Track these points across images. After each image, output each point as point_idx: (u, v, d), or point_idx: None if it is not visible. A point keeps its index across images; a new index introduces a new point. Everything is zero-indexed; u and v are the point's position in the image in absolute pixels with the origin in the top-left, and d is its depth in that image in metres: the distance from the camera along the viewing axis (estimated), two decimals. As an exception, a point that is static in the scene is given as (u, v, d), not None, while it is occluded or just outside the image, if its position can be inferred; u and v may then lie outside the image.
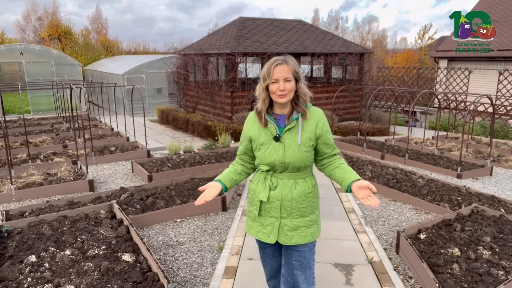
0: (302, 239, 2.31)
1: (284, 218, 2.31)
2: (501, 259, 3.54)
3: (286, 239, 2.31)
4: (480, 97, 7.95)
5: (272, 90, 2.20)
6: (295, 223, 2.30)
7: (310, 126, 2.27)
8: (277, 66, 2.17)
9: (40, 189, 5.80)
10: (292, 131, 2.26)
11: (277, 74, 2.16)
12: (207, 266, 3.78)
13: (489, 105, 14.81)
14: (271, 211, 2.32)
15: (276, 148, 2.25)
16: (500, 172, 7.69)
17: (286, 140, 2.25)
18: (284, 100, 2.20)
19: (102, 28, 39.65)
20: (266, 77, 2.19)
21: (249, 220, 2.47)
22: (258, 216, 2.37)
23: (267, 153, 2.27)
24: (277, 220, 2.31)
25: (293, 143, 2.24)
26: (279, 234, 2.32)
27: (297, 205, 2.29)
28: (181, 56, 15.73)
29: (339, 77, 16.03)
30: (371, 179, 6.43)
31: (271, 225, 2.33)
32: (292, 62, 2.22)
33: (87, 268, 3.12)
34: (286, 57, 2.22)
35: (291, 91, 2.20)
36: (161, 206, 5.01)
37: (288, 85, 2.17)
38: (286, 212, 2.30)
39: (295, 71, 2.20)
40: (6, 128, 6.91)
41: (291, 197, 2.28)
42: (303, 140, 2.25)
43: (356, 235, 4.47)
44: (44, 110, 17.48)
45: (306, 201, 2.31)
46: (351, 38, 36.92)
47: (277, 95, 2.19)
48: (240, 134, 10.53)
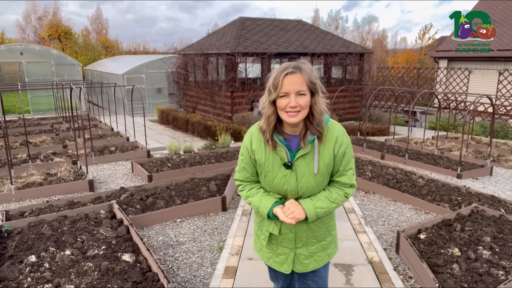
0: (319, 263, 2.04)
1: (299, 248, 2.00)
2: (501, 259, 3.54)
3: (302, 267, 2.03)
4: (480, 97, 7.95)
5: (280, 106, 1.72)
6: (312, 250, 2.01)
7: (328, 151, 1.84)
8: (287, 76, 1.69)
9: (40, 189, 5.80)
10: (307, 157, 1.83)
11: (288, 86, 1.68)
12: (207, 266, 3.78)
13: (489, 105, 14.81)
14: (283, 242, 2.00)
15: (287, 177, 1.85)
16: (500, 172, 7.68)
17: (299, 168, 1.83)
18: (295, 120, 1.73)
19: (102, 28, 39.70)
20: (273, 89, 1.71)
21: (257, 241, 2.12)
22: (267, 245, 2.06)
23: (276, 182, 1.88)
24: (292, 251, 2.00)
25: (308, 172, 1.83)
26: (294, 264, 2.02)
27: (314, 233, 1.99)
28: (181, 56, 15.74)
29: (339, 77, 16.02)
30: (371, 179, 6.43)
31: (285, 255, 2.02)
32: (308, 69, 1.73)
33: (87, 268, 3.11)
34: (300, 63, 1.74)
35: (305, 107, 1.72)
36: (161, 206, 5.01)
37: (301, 101, 1.70)
38: (302, 242, 1.99)
39: (310, 82, 1.72)
40: (6, 128, 6.91)
41: (306, 227, 1.95)
42: (321, 168, 1.84)
43: (356, 235, 4.47)
44: (44, 110, 17.48)
45: (323, 228, 2.01)
46: (351, 38, 36.93)
47: (286, 113, 1.72)
48: (239, 134, 10.61)
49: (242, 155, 1.98)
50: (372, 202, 5.73)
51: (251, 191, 1.99)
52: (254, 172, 1.98)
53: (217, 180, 6.11)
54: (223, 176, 6.30)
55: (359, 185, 6.36)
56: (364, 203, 5.68)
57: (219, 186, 5.81)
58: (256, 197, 1.95)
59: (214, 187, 5.69)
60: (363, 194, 6.08)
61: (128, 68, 17.88)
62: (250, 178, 2.00)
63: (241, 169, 2.00)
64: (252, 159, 1.92)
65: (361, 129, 11.00)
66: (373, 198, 5.91)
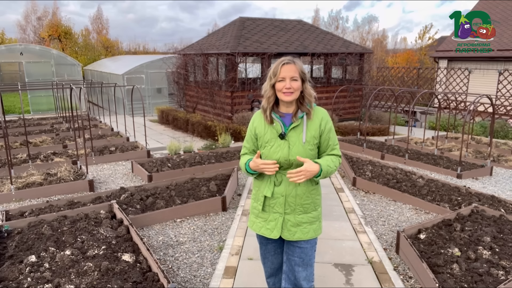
0: (305, 235, 2.37)
1: (287, 214, 2.37)
2: (501, 259, 3.54)
3: (289, 235, 2.37)
4: (480, 97, 7.95)
5: (278, 88, 2.27)
6: (298, 219, 2.37)
7: (314, 125, 2.35)
8: (284, 65, 2.25)
9: (40, 189, 5.80)
10: (297, 130, 2.33)
11: (284, 73, 2.24)
12: (207, 266, 3.78)
13: (489, 105, 14.80)
14: (275, 207, 2.38)
15: (281, 145, 2.31)
16: (500, 172, 7.69)
17: (291, 138, 2.31)
18: (290, 98, 2.26)
19: (103, 28, 39.69)
20: (273, 75, 2.27)
21: (252, 216, 2.53)
22: (261, 212, 2.43)
23: (272, 150, 2.33)
24: (281, 215, 2.37)
25: (298, 141, 2.31)
26: (283, 230, 2.38)
27: (301, 201, 2.36)
28: (181, 56, 15.74)
29: (339, 77, 16.03)
30: (371, 179, 6.43)
31: (275, 220, 2.39)
32: (299, 63, 2.31)
33: (87, 268, 3.11)
34: (293, 57, 2.31)
35: (297, 90, 2.27)
36: (161, 206, 5.01)
37: (294, 84, 2.25)
38: (290, 208, 2.36)
39: (301, 72, 2.29)
40: (6, 128, 6.91)
41: (295, 193, 2.34)
42: (308, 139, 2.32)
43: (356, 235, 4.47)
44: (44, 110, 17.48)
45: (309, 198, 2.38)
46: (351, 38, 36.93)
47: (283, 93, 2.26)
48: (239, 134, 10.61)
49: (247, 135, 2.53)
50: (372, 202, 5.73)
51: (244, 156, 2.50)
52: (251, 149, 2.49)
53: (217, 180, 6.11)
54: (223, 176, 6.30)
55: (359, 185, 6.37)
56: (364, 203, 5.68)
57: (219, 186, 5.81)
58: (242, 159, 2.49)
59: (214, 187, 5.70)
60: (363, 194, 6.08)
61: (128, 68, 17.88)
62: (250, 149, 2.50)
63: (243, 146, 2.56)
64: (254, 135, 2.45)
65: (361, 129, 10.99)
66: (373, 198, 5.91)
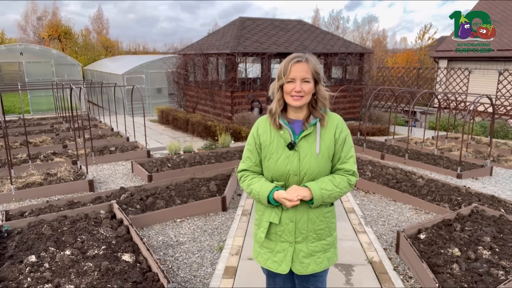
0: (319, 266, 2.02)
1: (298, 243, 1.99)
2: (501, 259, 3.54)
3: (301, 268, 2.00)
4: (480, 97, 7.95)
5: (286, 91, 1.91)
6: (312, 248, 2.00)
7: (329, 134, 1.97)
8: (295, 64, 1.89)
9: (40, 189, 5.80)
10: (309, 139, 1.96)
11: (295, 73, 1.88)
12: (207, 266, 3.78)
13: (489, 105, 14.80)
14: (283, 235, 2.00)
15: (290, 157, 1.94)
16: (500, 172, 7.68)
17: (302, 149, 1.95)
18: (299, 103, 1.91)
19: (103, 28, 39.66)
20: (282, 75, 1.91)
21: (256, 245, 2.14)
22: (266, 240, 2.04)
23: (279, 162, 1.95)
24: (291, 245, 1.99)
25: (310, 153, 1.94)
26: (294, 262, 2.00)
27: (314, 226, 1.99)
28: (181, 56, 15.73)
29: (339, 77, 16.02)
30: (371, 179, 6.43)
31: (283, 251, 2.01)
32: (314, 61, 1.94)
33: (87, 268, 3.11)
34: (307, 54, 1.94)
35: (308, 93, 1.92)
36: (161, 206, 5.01)
37: (305, 87, 1.89)
38: (302, 236, 1.98)
39: (315, 71, 1.92)
40: (6, 128, 6.91)
41: (306, 218, 1.97)
42: (322, 150, 1.95)
43: (356, 235, 4.47)
44: (44, 110, 17.47)
45: (323, 222, 2.02)
46: (351, 38, 36.91)
47: (292, 96, 1.90)
48: (239, 134, 10.60)
49: (248, 144, 2.09)
50: (372, 202, 5.73)
51: (253, 180, 2.04)
52: (258, 162, 2.06)
53: (217, 180, 6.11)
54: (223, 176, 6.30)
55: (359, 185, 6.36)
56: (364, 203, 5.68)
57: (219, 186, 5.81)
58: (258, 184, 2.00)
59: (214, 187, 5.69)
60: (363, 194, 6.08)
61: (128, 68, 17.87)
62: (253, 167, 2.08)
63: (245, 158, 2.10)
64: (257, 144, 2.03)
65: (361, 129, 11.00)
66: (373, 198, 5.91)
